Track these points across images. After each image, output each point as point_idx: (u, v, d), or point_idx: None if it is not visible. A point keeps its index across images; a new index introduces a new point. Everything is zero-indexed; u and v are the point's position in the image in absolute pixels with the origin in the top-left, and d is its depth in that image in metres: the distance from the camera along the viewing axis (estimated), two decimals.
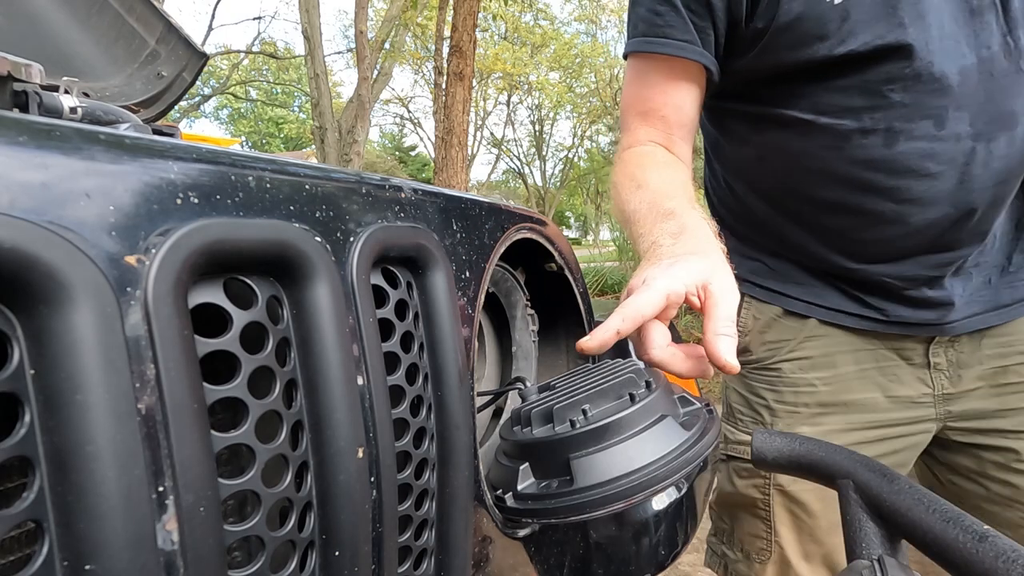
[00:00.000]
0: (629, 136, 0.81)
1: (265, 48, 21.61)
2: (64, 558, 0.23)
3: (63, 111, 0.53)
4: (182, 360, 0.26)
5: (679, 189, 0.69)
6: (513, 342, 0.72)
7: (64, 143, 0.25)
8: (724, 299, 0.53)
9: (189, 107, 17.54)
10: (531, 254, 0.67)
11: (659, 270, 0.55)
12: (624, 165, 0.78)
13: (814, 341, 0.83)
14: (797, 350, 0.84)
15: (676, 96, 0.78)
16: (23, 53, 0.54)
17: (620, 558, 0.64)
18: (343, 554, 0.33)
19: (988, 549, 0.39)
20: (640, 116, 0.81)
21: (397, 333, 0.40)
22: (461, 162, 6.37)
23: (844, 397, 0.82)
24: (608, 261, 8.09)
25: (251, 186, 0.32)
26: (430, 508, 0.43)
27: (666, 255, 0.57)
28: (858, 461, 0.51)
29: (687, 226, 0.61)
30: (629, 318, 0.52)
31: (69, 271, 0.23)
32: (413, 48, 18.45)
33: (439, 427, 0.43)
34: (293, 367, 0.33)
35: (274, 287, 0.33)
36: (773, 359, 0.86)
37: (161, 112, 0.83)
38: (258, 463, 0.30)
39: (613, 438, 0.46)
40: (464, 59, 6.12)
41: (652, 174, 0.73)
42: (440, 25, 9.61)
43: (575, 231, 33.03)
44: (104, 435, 0.23)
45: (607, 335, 0.52)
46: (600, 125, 22.34)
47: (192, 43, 0.83)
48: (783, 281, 0.85)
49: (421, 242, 0.42)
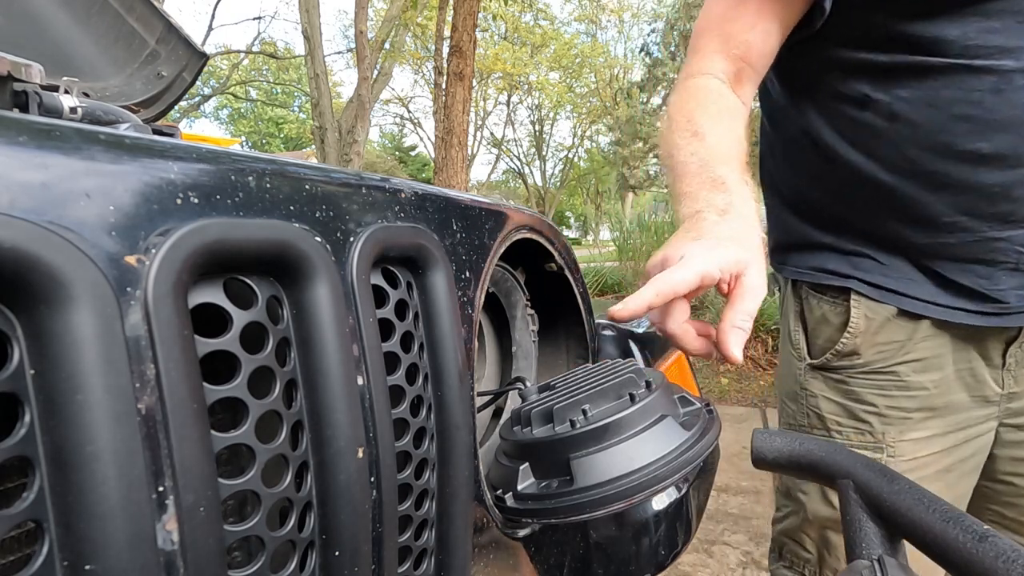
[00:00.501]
0: (698, 62, 0.76)
1: (265, 48, 21.62)
2: (64, 558, 0.23)
3: (63, 111, 0.53)
4: (182, 360, 0.26)
5: (735, 150, 0.66)
6: (513, 342, 0.72)
7: (64, 143, 0.25)
8: (752, 294, 0.54)
9: (189, 107, 17.55)
10: (531, 254, 0.67)
11: (700, 249, 0.55)
12: (684, 99, 0.73)
13: (928, 342, 0.78)
14: (913, 351, 0.78)
15: (769, 21, 0.72)
16: (23, 53, 0.54)
17: (620, 558, 0.64)
18: (343, 554, 0.33)
19: (988, 549, 0.39)
20: (720, 38, 0.74)
21: (397, 333, 0.40)
22: (461, 162, 6.37)
23: (946, 399, 0.79)
24: (608, 261, 8.09)
25: (251, 186, 0.32)
26: (430, 508, 0.43)
27: (709, 234, 0.56)
28: (858, 461, 0.51)
29: (735, 205, 0.59)
30: (662, 293, 0.53)
31: (69, 271, 0.23)
32: (413, 48, 18.46)
33: (439, 427, 0.43)
34: (293, 367, 0.33)
35: (274, 287, 0.33)
36: (887, 362, 0.79)
37: (161, 112, 0.83)
38: (258, 463, 0.30)
39: (613, 438, 0.46)
40: (464, 59, 6.12)
41: (712, 124, 0.68)
42: (440, 25, 9.61)
43: (575, 231, 33.03)
44: (104, 435, 0.23)
45: (639, 306, 0.53)
46: (600, 125, 22.35)
47: (192, 43, 0.83)
48: (896, 278, 0.78)
49: (421, 242, 0.42)
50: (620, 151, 15.16)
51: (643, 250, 6.98)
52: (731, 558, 2.03)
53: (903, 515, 0.45)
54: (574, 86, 22.04)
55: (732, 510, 2.38)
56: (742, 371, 4.27)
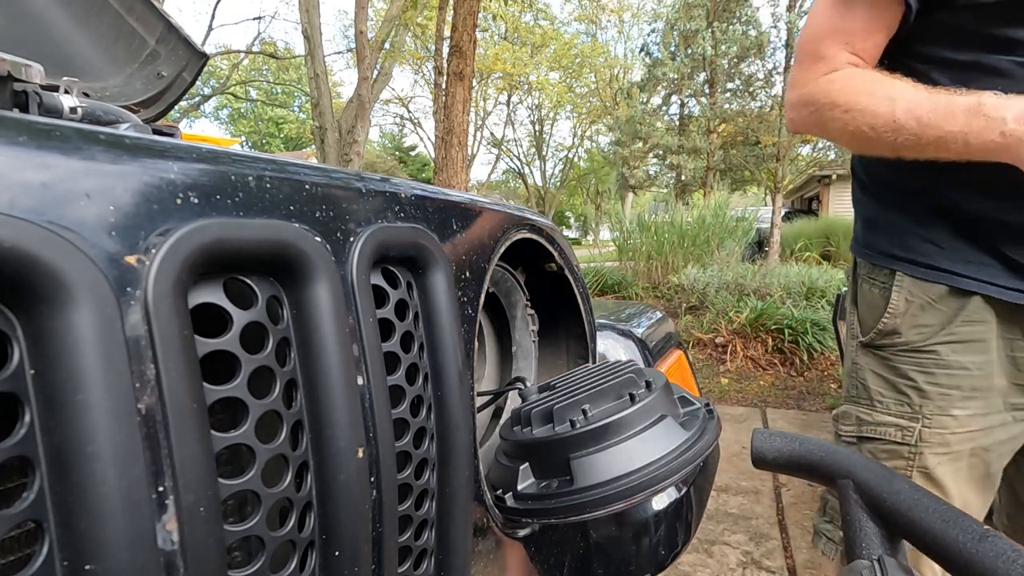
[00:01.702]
0: (827, 63, 0.81)
1: (265, 48, 21.61)
2: (64, 558, 0.23)
3: (63, 111, 0.53)
4: (182, 360, 0.26)
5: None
6: (513, 342, 0.72)
7: (64, 143, 0.25)
8: None
9: (189, 107, 17.54)
10: (531, 254, 0.67)
11: None
12: (845, 84, 0.77)
13: (970, 326, 0.83)
14: (953, 333, 0.84)
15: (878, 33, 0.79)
16: (23, 53, 0.54)
17: (620, 558, 0.64)
18: (343, 554, 0.33)
19: (988, 549, 0.39)
20: (840, 45, 0.80)
21: (397, 333, 0.40)
22: (461, 162, 6.37)
23: (990, 382, 0.84)
24: (608, 261, 8.09)
25: (251, 186, 0.32)
26: (430, 508, 0.43)
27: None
28: (858, 461, 0.51)
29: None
30: None
31: (69, 271, 0.23)
32: (413, 48, 18.46)
33: (439, 427, 0.43)
34: (293, 367, 0.33)
35: (274, 287, 0.32)
36: (927, 342, 0.85)
37: (161, 112, 0.83)
38: (258, 463, 0.29)
39: (613, 438, 0.46)
40: (464, 59, 6.12)
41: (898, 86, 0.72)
42: (440, 25, 9.61)
43: (575, 231, 33.03)
44: (104, 435, 0.23)
45: None
46: (600, 125, 22.36)
47: (192, 43, 0.82)
48: (951, 259, 0.83)
49: (421, 242, 0.42)
50: (620, 151, 15.15)
51: (643, 250, 6.98)
52: (731, 558, 2.03)
53: (903, 515, 0.45)
54: (574, 86, 22.04)
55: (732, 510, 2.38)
56: (742, 371, 4.27)
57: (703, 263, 6.32)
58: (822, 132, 0.82)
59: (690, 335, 4.75)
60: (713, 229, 6.86)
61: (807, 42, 0.84)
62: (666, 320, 1.16)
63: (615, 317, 1.06)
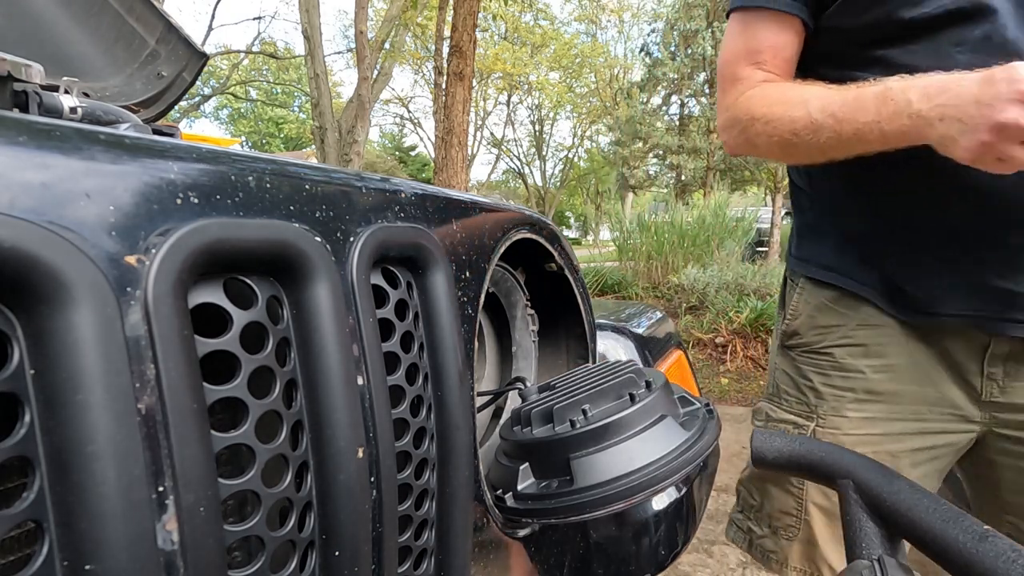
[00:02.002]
0: (743, 83, 0.83)
1: (265, 48, 21.61)
2: (64, 558, 0.23)
3: (63, 111, 0.53)
4: (182, 360, 0.26)
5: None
6: (513, 342, 0.72)
7: (64, 143, 0.25)
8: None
9: (189, 107, 17.54)
10: (531, 254, 0.67)
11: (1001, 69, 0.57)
12: (760, 98, 0.79)
13: (866, 330, 0.84)
14: (849, 336, 0.85)
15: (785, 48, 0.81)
16: (23, 53, 0.54)
17: (620, 558, 0.64)
18: (343, 554, 0.33)
19: (988, 549, 0.39)
20: (752, 65, 0.83)
21: (397, 333, 0.40)
22: (461, 162, 6.37)
23: (895, 387, 0.84)
24: (608, 261, 8.09)
25: (251, 186, 0.32)
26: (430, 508, 0.43)
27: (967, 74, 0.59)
28: (858, 461, 0.51)
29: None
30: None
31: (69, 271, 0.23)
32: (413, 48, 18.45)
33: (439, 427, 0.43)
34: (293, 367, 0.33)
35: (274, 287, 0.33)
36: (823, 343, 0.88)
37: (161, 112, 0.83)
38: (258, 463, 0.30)
39: (613, 438, 0.46)
40: (464, 59, 6.12)
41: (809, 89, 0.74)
42: (440, 25, 9.61)
43: (575, 231, 33.03)
44: (104, 435, 0.23)
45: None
46: (600, 125, 22.36)
47: (192, 43, 0.82)
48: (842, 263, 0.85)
49: (421, 242, 0.42)
50: (620, 151, 15.16)
51: (643, 250, 6.98)
52: (731, 558, 2.03)
53: (903, 515, 0.45)
54: (574, 86, 22.04)
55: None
56: (742, 371, 4.27)
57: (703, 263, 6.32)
58: (752, 150, 0.83)
59: (690, 335, 4.74)
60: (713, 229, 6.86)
61: (723, 66, 0.86)
62: (666, 320, 1.16)
63: (615, 317, 1.06)
